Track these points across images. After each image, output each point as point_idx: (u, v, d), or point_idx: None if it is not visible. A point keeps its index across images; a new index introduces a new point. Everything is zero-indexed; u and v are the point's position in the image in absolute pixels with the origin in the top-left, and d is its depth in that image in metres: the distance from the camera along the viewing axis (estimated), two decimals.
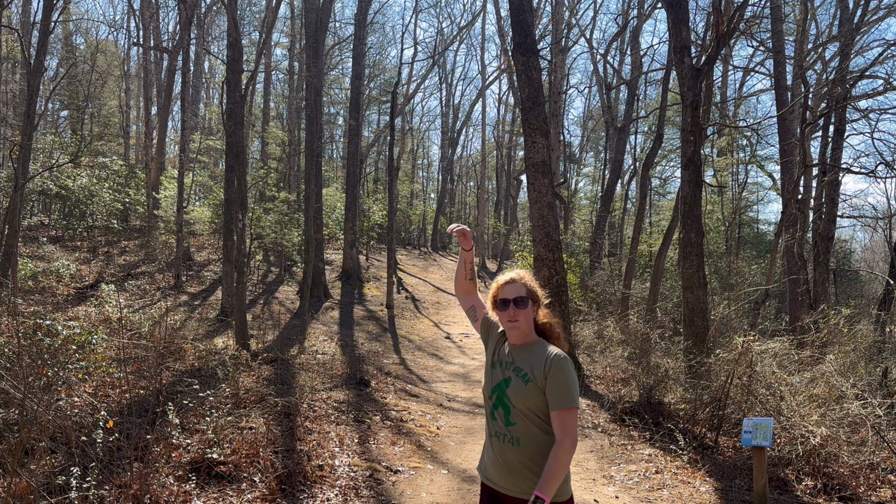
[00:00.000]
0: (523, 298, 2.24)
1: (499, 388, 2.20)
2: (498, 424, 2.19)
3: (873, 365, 7.53)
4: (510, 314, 2.21)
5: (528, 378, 2.15)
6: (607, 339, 10.46)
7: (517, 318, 2.21)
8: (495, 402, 2.20)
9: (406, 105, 30.15)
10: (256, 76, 16.29)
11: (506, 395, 2.17)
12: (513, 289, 2.25)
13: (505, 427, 2.17)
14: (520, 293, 2.23)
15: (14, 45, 20.70)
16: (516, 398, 2.14)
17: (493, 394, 2.21)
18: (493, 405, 2.21)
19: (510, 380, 2.19)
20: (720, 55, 9.38)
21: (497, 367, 2.26)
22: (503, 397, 2.18)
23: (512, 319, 2.21)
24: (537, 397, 2.11)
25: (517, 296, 2.24)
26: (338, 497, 4.37)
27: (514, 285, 2.26)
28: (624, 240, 22.76)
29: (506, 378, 2.20)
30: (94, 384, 5.70)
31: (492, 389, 2.22)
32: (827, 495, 4.88)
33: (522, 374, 2.18)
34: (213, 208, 18.07)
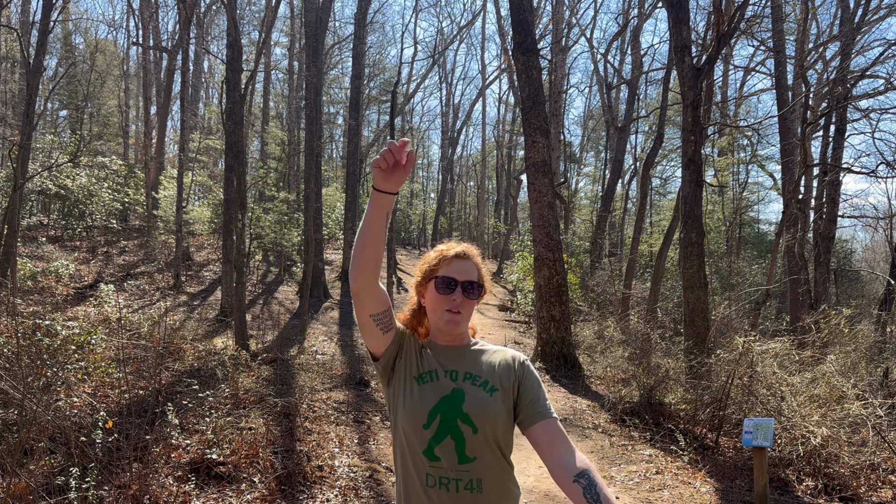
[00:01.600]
0: (475, 284, 1.59)
1: (444, 408, 1.49)
2: (442, 465, 1.47)
3: (874, 365, 7.52)
4: (454, 301, 1.55)
5: (494, 387, 1.53)
6: (608, 340, 10.45)
7: (460, 310, 1.57)
8: (438, 429, 1.48)
9: (406, 104, 30.15)
10: (256, 76, 16.29)
11: (460, 417, 1.48)
12: (464, 267, 1.59)
13: (458, 466, 1.46)
14: (472, 276, 1.59)
15: (13, 44, 20.69)
16: (482, 417, 1.48)
17: (433, 418, 1.48)
18: (436, 436, 1.47)
19: (463, 393, 1.51)
20: (721, 55, 9.37)
21: (428, 382, 1.54)
22: (454, 420, 1.48)
23: (454, 310, 1.56)
24: (505, 415, 1.52)
25: (468, 279, 1.58)
26: (337, 498, 4.36)
27: (466, 263, 1.60)
28: (624, 240, 22.75)
29: (455, 392, 1.52)
30: (93, 384, 5.69)
31: (429, 413, 1.49)
32: (828, 496, 4.87)
33: (483, 383, 1.54)
34: (212, 208, 18.07)
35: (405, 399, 1.53)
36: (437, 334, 1.64)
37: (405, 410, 1.52)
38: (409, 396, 1.53)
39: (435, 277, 1.59)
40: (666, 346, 8.91)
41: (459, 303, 1.56)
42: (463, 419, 1.48)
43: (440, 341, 1.64)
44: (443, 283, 1.57)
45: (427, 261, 1.65)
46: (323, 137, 23.40)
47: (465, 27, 32.57)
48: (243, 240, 9.50)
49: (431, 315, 1.62)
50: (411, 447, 1.51)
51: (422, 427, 1.48)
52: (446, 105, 33.05)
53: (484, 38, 29.29)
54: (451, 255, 1.61)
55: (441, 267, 1.60)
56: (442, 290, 1.57)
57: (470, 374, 1.56)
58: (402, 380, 1.57)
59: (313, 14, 15.40)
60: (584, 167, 36.41)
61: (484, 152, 31.77)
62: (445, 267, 1.59)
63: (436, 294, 1.58)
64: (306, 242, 13.25)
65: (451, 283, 1.56)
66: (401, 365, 1.59)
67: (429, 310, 1.63)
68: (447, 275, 1.57)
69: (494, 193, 38.56)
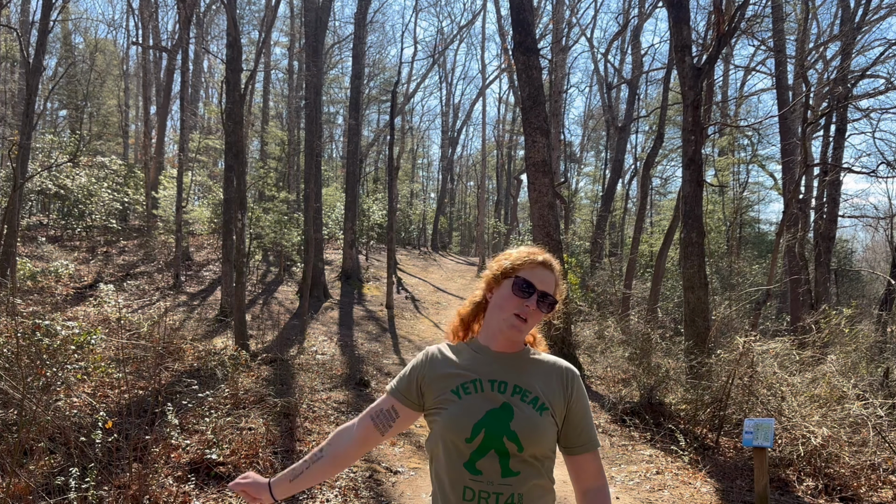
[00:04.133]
0: (551, 298, 1.52)
1: (490, 422, 1.43)
2: (483, 479, 1.42)
3: (875, 365, 7.52)
4: (527, 308, 1.48)
5: (544, 405, 1.47)
6: (608, 340, 10.44)
7: (528, 318, 1.49)
8: (482, 444, 1.42)
9: (406, 104, 30.14)
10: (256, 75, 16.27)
11: (507, 434, 1.42)
12: (545, 277, 1.53)
13: (501, 480, 1.42)
14: (549, 288, 1.53)
15: (13, 44, 20.68)
16: (530, 438, 1.42)
17: (478, 433, 1.42)
18: (478, 450, 1.42)
19: (512, 409, 1.44)
20: (721, 54, 9.36)
21: (472, 392, 1.47)
22: (500, 437, 1.42)
23: (523, 315, 1.49)
24: (553, 435, 1.46)
25: (546, 289, 1.52)
26: (337, 498, 4.35)
27: (548, 274, 1.54)
28: (625, 239, 22.75)
29: (504, 406, 1.45)
30: (92, 384, 5.68)
31: (473, 427, 1.42)
32: (828, 496, 4.86)
33: (533, 400, 1.47)
34: (212, 208, 18.06)
35: (445, 410, 1.47)
36: (488, 336, 1.56)
37: (446, 421, 1.45)
38: (449, 408, 1.46)
39: (515, 276, 1.51)
40: (666, 346, 8.91)
41: (532, 311, 1.49)
42: (509, 437, 1.42)
43: (493, 346, 1.55)
44: (521, 285, 1.50)
45: (508, 257, 1.57)
46: (323, 137, 23.41)
47: (465, 27, 32.58)
48: (243, 240, 9.49)
49: (496, 314, 1.53)
50: (450, 459, 1.45)
51: (464, 441, 1.43)
52: (446, 105, 33.05)
53: (484, 38, 29.25)
54: (538, 259, 1.54)
55: (524, 269, 1.52)
56: (518, 293, 1.50)
57: (520, 387, 1.49)
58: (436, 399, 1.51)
59: (313, 14, 15.39)
60: (584, 167, 36.42)
61: (484, 152, 31.74)
62: (528, 270, 1.52)
63: (509, 293, 1.50)
64: (306, 242, 13.24)
65: (530, 287, 1.50)
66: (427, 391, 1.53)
67: (495, 307, 1.54)
68: (528, 278, 1.51)
69: (494, 193, 38.56)
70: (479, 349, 1.56)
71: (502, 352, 1.55)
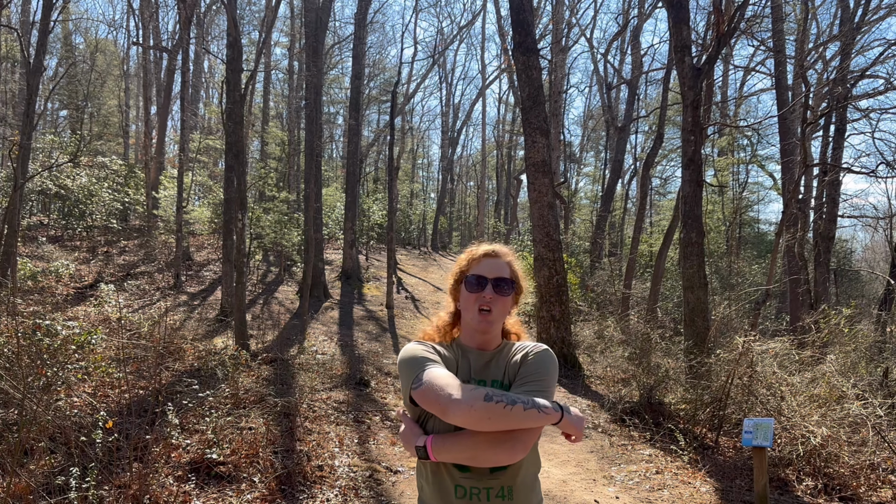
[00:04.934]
0: (506, 281, 1.58)
1: None
2: (473, 475, 1.49)
3: (874, 365, 7.52)
4: (484, 298, 1.56)
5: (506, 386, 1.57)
6: (608, 340, 10.45)
7: (491, 307, 1.56)
8: None
9: (406, 104, 30.15)
10: (256, 76, 16.29)
11: None
12: (493, 265, 1.60)
13: (489, 475, 1.49)
14: (502, 273, 1.59)
15: (13, 44, 20.69)
16: None
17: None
18: None
19: None
20: (721, 55, 9.37)
21: None
22: None
23: (485, 307, 1.56)
24: None
25: (498, 276, 1.58)
26: (337, 497, 4.36)
27: (496, 261, 1.61)
28: (624, 239, 22.76)
29: None
30: (93, 384, 5.69)
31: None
32: (827, 495, 4.87)
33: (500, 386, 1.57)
34: (212, 208, 18.08)
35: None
36: (468, 336, 1.64)
37: (435, 421, 1.50)
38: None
39: (465, 277, 1.61)
40: (666, 346, 8.91)
41: (490, 300, 1.56)
42: None
43: (472, 345, 1.63)
44: (472, 282, 1.58)
45: (458, 263, 1.68)
46: (323, 137, 23.41)
47: (465, 27, 32.58)
48: (243, 240, 9.50)
49: (465, 315, 1.62)
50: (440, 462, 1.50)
51: None
52: (446, 105, 33.06)
53: (484, 38, 29.30)
54: (479, 254, 1.63)
55: (471, 267, 1.62)
56: (472, 289, 1.58)
57: (497, 381, 1.57)
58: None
59: (313, 14, 15.40)
60: (584, 167, 36.43)
61: (484, 152, 31.76)
62: (475, 266, 1.61)
63: (467, 293, 1.59)
64: (306, 242, 13.25)
65: (481, 280, 1.58)
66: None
67: (463, 310, 1.63)
68: (477, 273, 1.59)
69: (494, 193, 38.56)
70: (462, 349, 1.64)
71: (481, 350, 1.62)
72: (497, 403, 1.37)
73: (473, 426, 1.39)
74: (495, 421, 1.37)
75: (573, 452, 5.84)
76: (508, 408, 1.37)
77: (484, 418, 1.37)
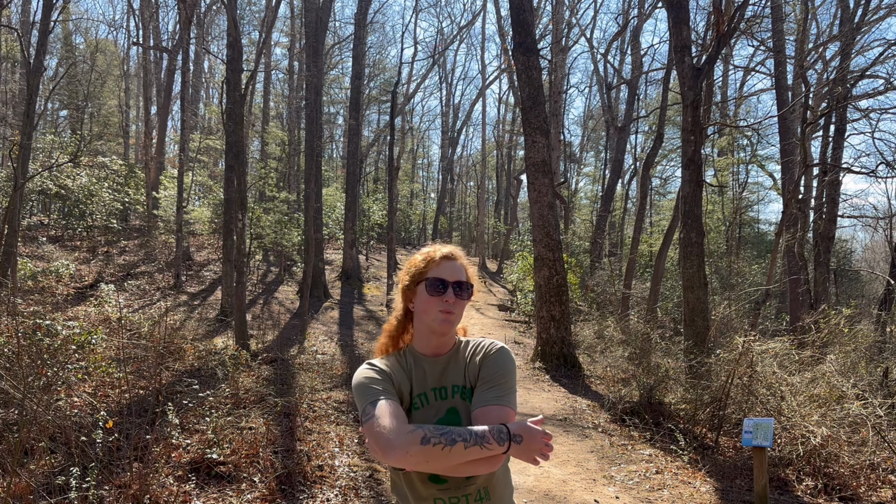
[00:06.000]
0: (465, 284, 1.56)
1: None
2: (449, 486, 1.48)
3: (874, 365, 7.52)
4: (447, 302, 1.52)
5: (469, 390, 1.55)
6: (608, 339, 10.45)
7: (453, 311, 1.53)
8: None
9: (406, 105, 30.16)
10: (256, 76, 16.29)
11: None
12: (453, 268, 1.57)
13: (465, 482, 1.48)
14: (461, 276, 1.57)
15: (13, 44, 20.69)
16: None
17: None
18: None
19: (457, 410, 1.53)
20: (721, 55, 9.37)
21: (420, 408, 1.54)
22: None
23: (447, 311, 1.52)
24: None
25: (458, 279, 1.56)
26: (337, 497, 4.36)
27: (454, 264, 1.58)
28: (624, 240, 22.76)
29: (449, 412, 1.53)
30: (93, 384, 5.69)
31: None
32: (827, 495, 4.87)
33: (462, 391, 1.55)
34: (212, 208, 18.09)
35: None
36: (423, 341, 1.59)
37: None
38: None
39: (425, 279, 1.55)
40: (666, 346, 8.92)
41: (452, 303, 1.52)
42: None
43: (426, 351, 1.59)
44: (434, 285, 1.53)
45: (413, 264, 1.60)
46: (323, 137, 23.41)
47: (465, 27, 32.61)
48: (243, 240, 9.50)
49: (423, 317, 1.56)
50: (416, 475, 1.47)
51: None
52: (446, 105, 33.07)
53: (484, 38, 29.38)
54: (438, 256, 1.58)
55: (429, 269, 1.56)
56: (433, 292, 1.53)
57: (457, 386, 1.55)
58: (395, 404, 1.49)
59: (313, 14, 15.41)
60: (584, 167, 36.44)
61: (484, 152, 31.76)
62: (434, 269, 1.56)
63: (427, 296, 1.54)
64: (306, 242, 13.25)
65: (443, 283, 1.53)
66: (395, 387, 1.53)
67: (420, 312, 1.57)
68: (438, 276, 1.54)
69: (494, 193, 38.57)
70: (417, 357, 1.60)
71: (436, 355, 1.58)
72: (435, 446, 1.34)
73: (413, 469, 1.39)
74: (434, 463, 1.35)
75: (573, 452, 5.84)
76: (447, 449, 1.34)
77: (422, 462, 1.35)
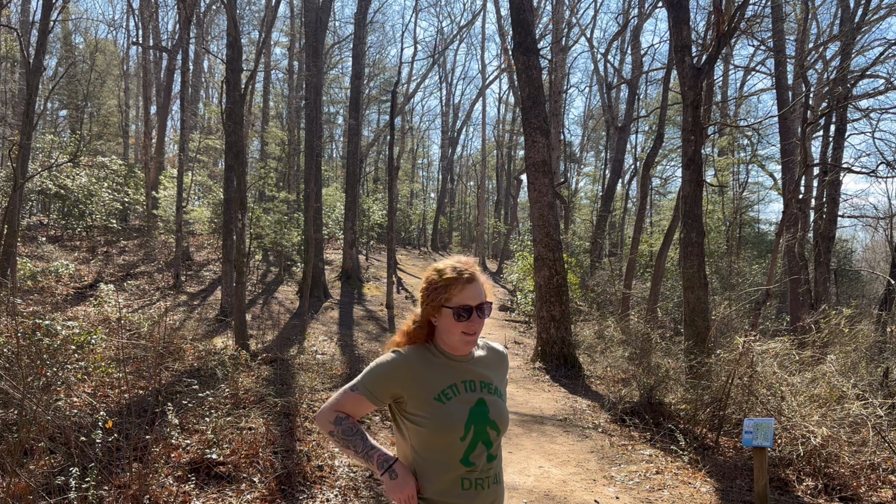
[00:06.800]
0: (487, 303, 1.66)
1: (475, 419, 1.62)
2: (478, 469, 1.62)
3: (874, 365, 7.52)
4: (472, 326, 1.62)
5: (500, 391, 1.73)
6: (608, 340, 10.45)
7: (476, 332, 1.64)
8: (473, 439, 1.61)
9: (406, 104, 30.14)
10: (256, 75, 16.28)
11: (489, 424, 1.63)
12: (475, 290, 1.63)
13: (487, 465, 1.64)
14: (483, 297, 1.65)
15: (13, 44, 20.68)
16: (503, 421, 1.67)
17: (468, 430, 1.61)
18: (471, 446, 1.61)
19: (484, 401, 1.65)
20: (721, 54, 9.36)
21: (452, 398, 1.63)
22: (485, 429, 1.63)
23: (472, 333, 1.63)
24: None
25: (480, 301, 1.64)
26: (337, 497, 4.36)
27: (477, 286, 1.64)
28: (624, 239, 22.76)
29: (479, 402, 1.65)
30: (93, 384, 5.68)
31: (465, 426, 1.60)
32: (828, 496, 4.87)
33: (495, 389, 1.71)
34: (212, 208, 18.07)
35: (433, 418, 1.60)
36: (452, 348, 1.69)
37: (437, 427, 1.59)
38: (436, 415, 1.60)
39: (451, 308, 1.62)
40: (666, 346, 8.91)
41: (476, 326, 1.63)
42: (491, 426, 1.65)
43: (451, 352, 1.69)
44: (460, 313, 1.61)
45: (434, 286, 1.65)
46: (323, 137, 23.39)
47: (465, 27, 32.58)
48: (243, 240, 9.50)
49: (446, 336, 1.67)
50: (444, 459, 1.61)
51: (459, 440, 1.60)
52: (446, 105, 33.05)
53: (484, 38, 29.27)
54: (465, 278, 1.62)
55: (453, 296, 1.62)
56: (460, 319, 1.61)
57: (483, 382, 1.69)
58: (418, 407, 1.62)
59: (313, 14, 15.39)
60: (584, 167, 36.44)
61: (484, 152, 31.76)
62: (458, 295, 1.62)
63: (453, 322, 1.62)
64: (306, 242, 13.24)
65: (468, 310, 1.61)
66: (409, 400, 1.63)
67: (443, 331, 1.67)
68: (463, 303, 1.61)
69: (494, 193, 38.55)
70: (445, 355, 1.70)
71: (462, 354, 1.70)
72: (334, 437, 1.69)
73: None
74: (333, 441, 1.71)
75: (573, 452, 5.84)
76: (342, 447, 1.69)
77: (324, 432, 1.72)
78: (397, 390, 1.63)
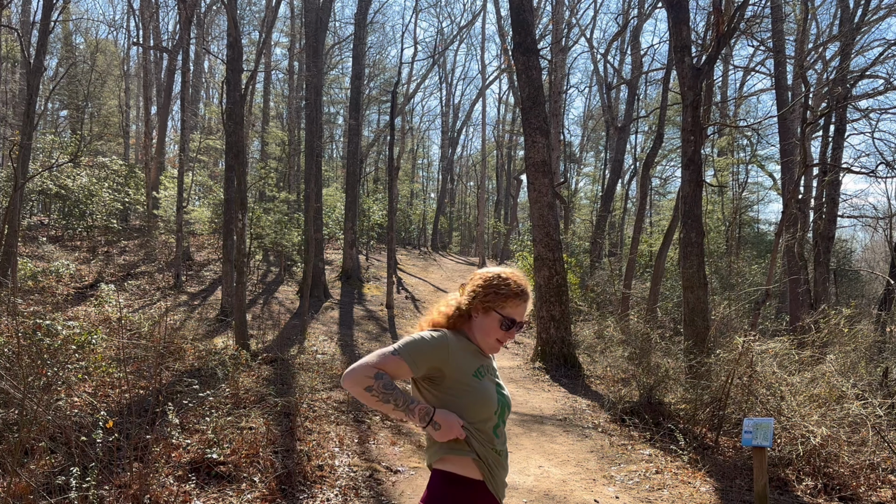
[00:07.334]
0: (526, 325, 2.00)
1: (500, 397, 1.89)
2: (500, 440, 1.88)
3: (874, 365, 7.53)
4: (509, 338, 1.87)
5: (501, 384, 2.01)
6: (607, 339, 10.45)
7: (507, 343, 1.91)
8: (500, 414, 1.87)
9: (406, 105, 30.14)
10: (256, 76, 16.29)
11: (507, 404, 1.92)
12: (525, 310, 1.87)
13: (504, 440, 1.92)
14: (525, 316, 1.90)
15: (14, 44, 20.69)
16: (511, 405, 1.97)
17: (497, 406, 1.85)
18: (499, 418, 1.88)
19: (502, 386, 1.94)
20: (720, 55, 9.37)
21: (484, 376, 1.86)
22: (504, 408, 1.89)
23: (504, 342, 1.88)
24: None
25: (524, 320, 1.89)
26: (337, 497, 4.36)
27: (527, 307, 1.88)
28: (624, 239, 22.76)
29: (497, 384, 1.92)
30: (93, 384, 5.69)
31: (497, 401, 1.86)
32: (827, 495, 4.88)
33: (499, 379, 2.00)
34: (212, 208, 18.08)
35: (474, 392, 1.79)
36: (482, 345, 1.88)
37: (479, 399, 1.80)
38: (477, 390, 1.80)
39: (502, 314, 1.82)
40: (666, 346, 8.92)
41: (511, 338, 1.86)
42: (507, 407, 1.91)
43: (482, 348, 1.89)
44: (508, 324, 1.83)
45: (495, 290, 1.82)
46: (323, 137, 23.39)
47: (465, 27, 32.58)
48: (243, 240, 9.51)
49: (481, 334, 1.86)
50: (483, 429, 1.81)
51: (493, 413, 1.82)
52: (446, 105, 33.05)
53: (484, 38, 29.25)
54: (526, 296, 1.84)
55: (508, 306, 1.82)
56: (506, 329, 1.83)
57: (494, 370, 1.94)
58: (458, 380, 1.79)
59: (313, 14, 15.40)
60: (584, 167, 36.43)
61: (484, 152, 31.75)
62: (514, 307, 1.83)
63: (496, 327, 1.83)
64: (306, 242, 13.24)
65: (513, 323, 1.83)
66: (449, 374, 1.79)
67: (480, 329, 1.86)
68: (513, 317, 1.83)
69: (494, 193, 38.55)
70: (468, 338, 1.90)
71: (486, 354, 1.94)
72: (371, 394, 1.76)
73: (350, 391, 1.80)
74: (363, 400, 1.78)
75: (573, 452, 5.84)
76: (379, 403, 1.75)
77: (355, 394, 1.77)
78: (437, 364, 1.77)
